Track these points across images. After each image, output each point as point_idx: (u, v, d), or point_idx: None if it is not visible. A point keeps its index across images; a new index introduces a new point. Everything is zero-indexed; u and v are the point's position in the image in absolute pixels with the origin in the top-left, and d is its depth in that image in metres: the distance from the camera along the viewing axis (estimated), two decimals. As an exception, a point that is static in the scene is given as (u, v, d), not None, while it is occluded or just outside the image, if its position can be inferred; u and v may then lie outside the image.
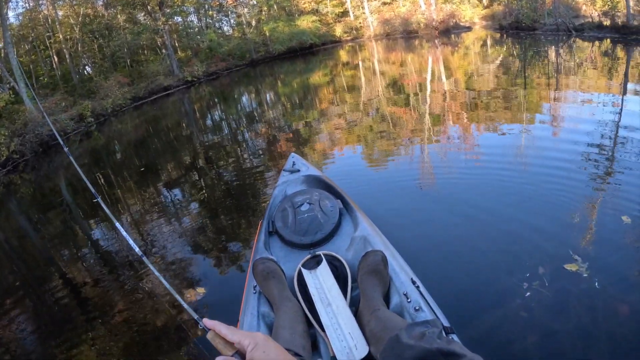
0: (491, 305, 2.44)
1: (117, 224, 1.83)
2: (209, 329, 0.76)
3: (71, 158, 2.44)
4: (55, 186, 8.17)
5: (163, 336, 2.78)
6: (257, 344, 0.72)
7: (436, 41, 19.72)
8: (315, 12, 26.84)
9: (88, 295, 3.56)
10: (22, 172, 9.67)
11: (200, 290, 3.14)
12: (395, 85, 10.84)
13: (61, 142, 2.68)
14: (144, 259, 1.59)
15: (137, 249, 1.63)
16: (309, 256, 2.11)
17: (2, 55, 15.44)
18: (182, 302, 1.15)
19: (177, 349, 2.65)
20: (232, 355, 0.72)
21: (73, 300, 3.59)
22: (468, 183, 4.13)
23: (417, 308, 1.69)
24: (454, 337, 1.56)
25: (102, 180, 7.22)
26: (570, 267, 2.57)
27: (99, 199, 2.01)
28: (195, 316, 0.92)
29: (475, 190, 3.91)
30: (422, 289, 1.83)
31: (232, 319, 1.76)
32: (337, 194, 2.75)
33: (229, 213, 4.69)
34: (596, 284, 2.41)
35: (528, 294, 2.42)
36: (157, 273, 1.41)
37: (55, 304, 3.57)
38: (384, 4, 25.87)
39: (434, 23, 22.07)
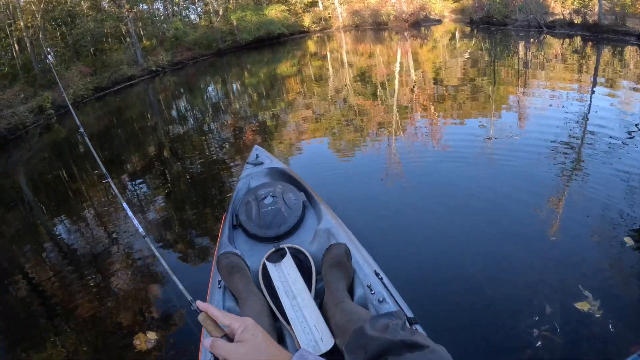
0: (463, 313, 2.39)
1: (125, 204, 1.94)
2: (201, 311, 0.77)
3: (82, 130, 2.62)
4: (15, 183, 7.75)
5: (150, 317, 2.80)
6: (247, 327, 0.74)
7: (405, 33, 19.97)
8: (284, 1, 26.54)
9: (55, 291, 3.43)
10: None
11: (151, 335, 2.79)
12: (363, 77, 10.96)
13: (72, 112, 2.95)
14: (147, 239, 1.60)
15: (140, 229, 1.69)
16: (273, 249, 2.11)
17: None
18: (178, 283, 1.14)
19: (164, 329, 2.65)
20: (220, 337, 0.74)
21: (38, 297, 3.45)
22: (437, 177, 4.10)
23: (380, 299, 1.71)
24: (418, 327, 1.58)
25: (65, 174, 7.09)
26: (582, 306, 2.31)
27: (109, 179, 2.18)
28: (189, 297, 0.93)
29: (446, 186, 3.84)
30: (385, 280, 1.86)
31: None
32: (300, 187, 2.77)
33: (195, 206, 4.65)
34: (610, 327, 2.17)
35: (539, 343, 2.14)
36: (157, 253, 1.42)
37: (20, 303, 3.40)
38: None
39: (404, 15, 22.36)
